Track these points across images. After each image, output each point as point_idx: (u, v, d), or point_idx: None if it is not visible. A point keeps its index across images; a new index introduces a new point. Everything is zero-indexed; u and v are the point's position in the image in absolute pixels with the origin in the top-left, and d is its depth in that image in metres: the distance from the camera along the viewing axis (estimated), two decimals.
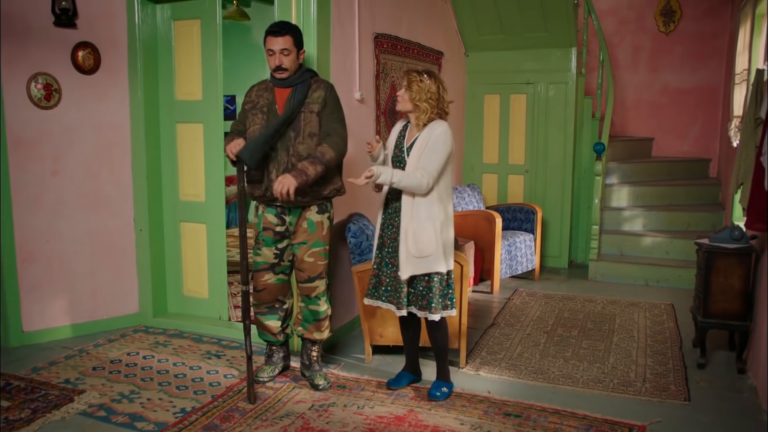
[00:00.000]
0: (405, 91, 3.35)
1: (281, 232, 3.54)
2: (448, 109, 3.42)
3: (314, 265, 3.56)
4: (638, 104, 7.84)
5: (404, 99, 3.36)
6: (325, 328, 3.69)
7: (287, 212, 3.52)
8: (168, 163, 4.58)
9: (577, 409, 3.36)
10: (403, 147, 3.42)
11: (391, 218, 3.45)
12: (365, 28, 4.55)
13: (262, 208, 3.56)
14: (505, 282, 5.89)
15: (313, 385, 3.65)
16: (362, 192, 4.64)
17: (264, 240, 3.57)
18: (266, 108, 3.44)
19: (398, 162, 3.42)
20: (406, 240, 3.32)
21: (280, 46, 3.36)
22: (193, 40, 4.41)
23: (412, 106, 3.34)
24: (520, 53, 6.55)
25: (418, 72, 3.36)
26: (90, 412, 3.29)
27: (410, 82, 3.32)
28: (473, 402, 3.46)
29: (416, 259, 3.31)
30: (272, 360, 3.79)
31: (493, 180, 6.86)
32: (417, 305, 3.39)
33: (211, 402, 3.42)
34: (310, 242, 3.54)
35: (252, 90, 3.56)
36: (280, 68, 3.38)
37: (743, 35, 5.63)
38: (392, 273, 3.42)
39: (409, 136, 3.43)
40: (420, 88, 3.29)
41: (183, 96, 4.50)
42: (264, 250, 3.58)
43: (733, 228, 3.95)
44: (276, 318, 3.71)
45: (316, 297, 3.61)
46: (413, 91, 3.31)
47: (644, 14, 7.74)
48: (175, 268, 4.69)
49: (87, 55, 4.29)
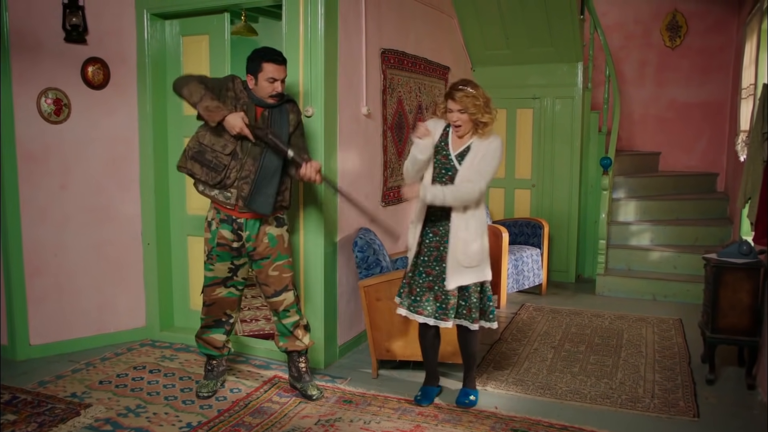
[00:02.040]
0: (459, 113, 3.22)
1: (238, 248, 3.52)
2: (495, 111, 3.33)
3: (280, 279, 3.58)
4: (645, 119, 7.84)
5: (463, 121, 3.24)
6: (303, 335, 3.71)
7: (243, 227, 3.49)
8: (175, 177, 4.60)
9: (584, 425, 3.34)
10: (450, 154, 3.32)
11: (434, 226, 3.40)
12: (372, 43, 4.58)
13: (217, 224, 3.49)
14: (511, 297, 5.87)
15: (306, 396, 3.66)
16: (366, 205, 4.65)
17: (218, 255, 3.52)
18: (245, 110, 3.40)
19: (445, 170, 3.33)
20: (456, 250, 3.29)
21: (282, 75, 3.41)
22: (202, 55, 4.45)
23: (472, 125, 3.26)
24: (527, 68, 6.57)
25: (455, 89, 3.23)
26: (96, 426, 3.29)
27: (460, 99, 3.19)
28: (480, 418, 3.44)
29: (465, 269, 3.29)
30: (213, 374, 3.78)
31: (500, 194, 6.86)
32: (469, 318, 3.39)
33: (217, 417, 3.41)
34: (273, 256, 3.55)
35: (237, 82, 3.45)
36: (277, 96, 3.42)
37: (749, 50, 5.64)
38: (424, 283, 3.40)
39: (455, 143, 3.33)
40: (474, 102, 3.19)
41: (191, 111, 4.46)
42: (217, 265, 3.54)
43: (741, 243, 3.93)
44: (222, 332, 3.72)
45: (285, 310, 3.63)
46: (468, 107, 3.20)
47: (650, 29, 7.76)
48: (182, 282, 4.70)
49: (97, 70, 4.33)
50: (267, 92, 3.39)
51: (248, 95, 3.44)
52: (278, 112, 3.47)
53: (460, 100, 3.20)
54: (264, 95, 3.41)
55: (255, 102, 3.44)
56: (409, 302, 3.45)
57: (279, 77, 3.38)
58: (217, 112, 3.24)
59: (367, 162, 4.60)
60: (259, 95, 3.42)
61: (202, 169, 3.40)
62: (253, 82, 3.40)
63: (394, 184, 5.04)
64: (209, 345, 3.74)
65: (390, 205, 4.99)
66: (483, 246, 3.34)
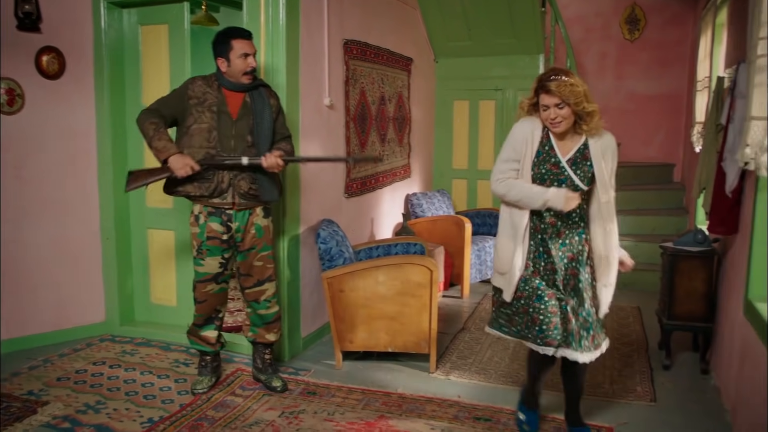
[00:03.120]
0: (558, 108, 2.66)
1: (227, 240, 3.49)
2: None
3: (263, 269, 3.57)
4: (605, 110, 7.88)
5: (564, 116, 2.67)
6: (278, 329, 3.71)
7: (233, 219, 3.47)
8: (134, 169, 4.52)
9: (546, 412, 3.39)
10: (561, 162, 2.75)
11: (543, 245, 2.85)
12: (334, 34, 4.55)
13: (205, 217, 3.46)
14: (475, 287, 5.92)
15: (270, 388, 3.66)
16: (330, 197, 4.64)
17: (209, 250, 3.48)
18: (216, 108, 3.37)
19: (557, 181, 2.75)
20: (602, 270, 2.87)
21: (252, 49, 3.40)
22: (161, 45, 4.37)
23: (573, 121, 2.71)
24: (489, 60, 6.61)
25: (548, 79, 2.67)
26: (54, 424, 3.23)
27: (558, 89, 2.63)
28: (443, 407, 3.47)
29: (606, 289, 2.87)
30: (208, 369, 3.74)
31: (463, 185, 6.91)
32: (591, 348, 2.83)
33: (179, 411, 3.38)
34: (259, 246, 3.54)
35: (195, 83, 3.42)
36: (251, 72, 3.39)
37: (704, 43, 5.76)
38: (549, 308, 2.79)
39: (562, 148, 2.77)
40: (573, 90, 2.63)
41: (151, 101, 4.41)
42: (208, 260, 3.50)
43: (696, 232, 4.03)
44: (213, 328, 3.69)
45: (266, 300, 3.62)
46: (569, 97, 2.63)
47: (610, 22, 7.88)
48: (142, 276, 4.63)
49: (51, 60, 4.22)
50: (241, 69, 3.36)
51: (218, 86, 3.41)
52: (260, 100, 3.44)
53: (557, 91, 2.63)
54: (238, 74, 3.37)
55: (231, 88, 3.41)
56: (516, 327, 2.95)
57: (251, 51, 3.37)
58: (163, 152, 3.30)
59: (330, 153, 4.58)
60: (233, 77, 3.39)
61: (194, 185, 3.37)
62: (225, 64, 3.37)
63: (357, 176, 5.04)
64: (202, 342, 3.69)
65: (353, 196, 4.99)
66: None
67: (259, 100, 3.44)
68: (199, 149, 3.34)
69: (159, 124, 3.35)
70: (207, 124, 3.36)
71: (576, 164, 2.75)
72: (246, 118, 3.41)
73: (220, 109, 3.38)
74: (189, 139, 3.36)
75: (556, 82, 2.64)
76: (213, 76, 3.45)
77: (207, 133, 3.35)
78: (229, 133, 3.38)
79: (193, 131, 3.36)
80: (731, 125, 3.47)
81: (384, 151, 5.59)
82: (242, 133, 3.40)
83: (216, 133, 3.36)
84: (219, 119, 3.37)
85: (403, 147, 6.05)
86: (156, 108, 3.42)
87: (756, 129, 2.67)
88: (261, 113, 3.42)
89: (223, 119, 3.38)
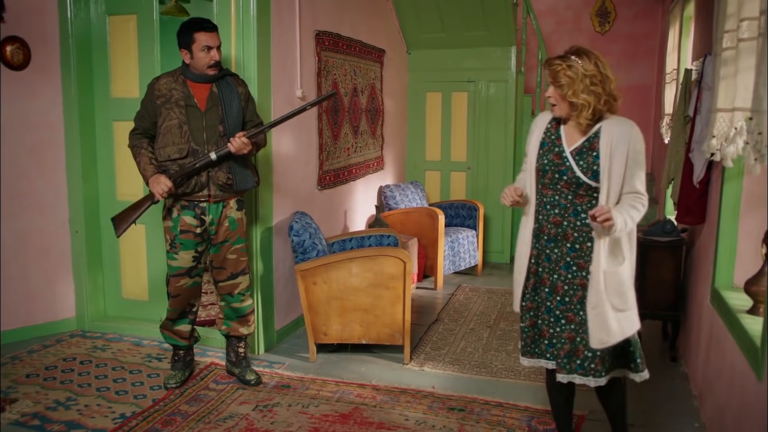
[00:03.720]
0: (554, 89, 2.45)
1: (201, 233, 3.47)
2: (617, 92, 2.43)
3: (237, 262, 3.56)
4: None
5: (557, 100, 2.45)
6: (252, 322, 3.71)
7: (206, 212, 3.44)
8: (104, 162, 4.45)
9: (519, 401, 3.43)
10: (564, 152, 2.49)
11: (550, 248, 2.56)
12: (306, 25, 4.52)
13: (178, 210, 3.42)
14: (448, 278, 5.96)
15: (244, 381, 3.65)
16: (303, 189, 4.63)
17: (182, 243, 3.44)
18: (183, 102, 3.34)
19: (557, 173, 2.49)
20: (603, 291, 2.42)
21: (216, 42, 3.35)
22: (129, 36, 4.30)
23: (568, 107, 2.44)
24: (461, 51, 6.62)
25: (561, 57, 2.43)
26: (23, 421, 3.18)
27: (555, 74, 2.41)
28: (417, 397, 3.49)
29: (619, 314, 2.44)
30: (180, 364, 3.71)
31: (436, 177, 6.93)
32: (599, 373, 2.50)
33: (152, 406, 3.35)
34: (232, 239, 3.53)
35: (159, 82, 3.39)
36: (215, 65, 3.35)
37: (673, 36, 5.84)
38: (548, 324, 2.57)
39: (570, 137, 2.52)
40: (571, 77, 2.37)
41: (119, 93, 4.37)
42: (182, 254, 3.46)
43: (665, 222, 4.10)
44: (187, 322, 3.66)
45: (239, 293, 3.60)
46: (564, 85, 2.39)
47: (581, 15, 7.94)
48: (113, 271, 4.57)
49: (16, 50, 4.12)
50: (204, 63, 3.33)
51: (183, 79, 3.37)
52: (227, 89, 3.41)
53: (550, 69, 2.45)
54: (202, 67, 3.34)
55: (196, 80, 3.37)
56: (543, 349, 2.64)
57: (213, 44, 3.33)
58: (144, 177, 3.35)
59: (302, 146, 4.57)
60: (198, 69, 3.35)
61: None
62: (188, 56, 3.34)
63: (330, 168, 5.02)
64: (176, 336, 3.65)
65: (326, 188, 4.97)
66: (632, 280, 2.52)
67: (227, 89, 3.41)
68: (173, 146, 3.32)
69: (138, 146, 3.40)
70: (176, 119, 3.33)
71: (581, 154, 2.46)
72: (215, 109, 3.38)
73: (187, 103, 3.34)
74: (163, 138, 3.33)
75: (557, 60, 2.43)
76: (178, 70, 3.42)
77: (178, 129, 3.32)
78: (200, 126, 3.35)
79: (164, 129, 3.33)
80: (698, 117, 3.53)
81: (357, 143, 5.58)
82: (213, 124, 3.37)
83: (187, 127, 3.33)
84: (188, 113, 3.34)
85: (376, 139, 6.04)
86: (136, 127, 3.45)
87: (722, 121, 2.72)
88: (230, 102, 3.39)
89: (192, 112, 3.35)
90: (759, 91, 2.28)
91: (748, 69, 2.47)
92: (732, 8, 2.66)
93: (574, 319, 2.50)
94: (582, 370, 2.48)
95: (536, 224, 2.58)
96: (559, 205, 2.52)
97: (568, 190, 2.49)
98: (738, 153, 2.57)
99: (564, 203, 2.51)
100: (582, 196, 2.47)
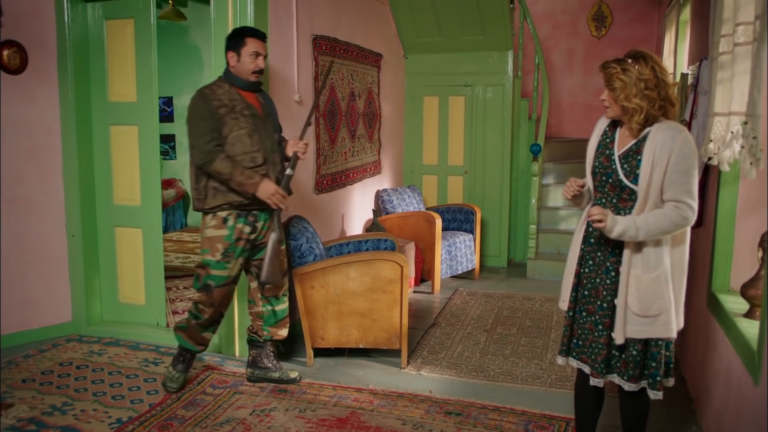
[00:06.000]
0: (607, 92, 2.48)
1: (253, 239, 3.50)
2: (675, 97, 2.43)
3: (283, 263, 3.66)
4: (573, 106, 8.06)
5: (610, 102, 2.48)
6: (288, 324, 3.77)
7: (258, 218, 3.49)
8: (101, 166, 4.45)
9: (516, 406, 3.43)
10: (613, 155, 2.50)
11: (593, 251, 2.57)
12: (303, 29, 4.53)
13: (234, 219, 3.41)
14: (445, 282, 5.96)
15: (289, 381, 3.71)
16: (300, 194, 4.63)
17: (236, 252, 3.44)
18: (247, 111, 3.38)
19: (605, 175, 2.51)
20: (626, 292, 2.44)
21: (264, 50, 3.45)
22: (127, 40, 4.30)
23: (620, 110, 2.45)
24: (459, 56, 6.64)
25: (617, 60, 2.43)
26: (19, 426, 3.17)
27: (610, 77, 2.43)
28: (415, 402, 3.48)
29: (639, 318, 2.43)
30: (183, 366, 3.62)
31: (433, 181, 6.94)
32: (625, 374, 2.50)
33: (148, 411, 3.34)
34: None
35: (216, 93, 3.35)
36: (260, 72, 3.44)
37: (669, 40, 5.86)
38: (589, 324, 2.58)
39: (622, 140, 2.52)
40: (625, 82, 2.38)
41: (116, 97, 4.38)
42: (234, 262, 3.46)
43: None
44: (213, 330, 3.65)
45: (283, 294, 3.70)
46: (617, 89, 2.41)
47: (577, 19, 7.98)
48: (110, 275, 4.56)
49: (13, 54, 4.12)
50: (250, 68, 3.38)
51: (236, 89, 3.40)
52: (267, 98, 3.57)
53: (603, 71, 2.48)
54: (246, 72, 3.39)
55: (246, 88, 3.44)
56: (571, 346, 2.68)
57: (263, 52, 3.41)
58: (250, 185, 3.29)
59: None
60: (242, 74, 3.40)
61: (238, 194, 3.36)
62: (235, 59, 3.39)
63: (327, 172, 5.03)
64: (193, 341, 3.59)
65: (323, 192, 4.97)
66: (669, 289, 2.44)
67: (267, 98, 3.56)
68: (244, 155, 3.33)
69: (226, 158, 3.29)
70: (246, 128, 3.35)
71: (626, 157, 2.46)
72: (268, 117, 3.49)
73: (251, 112, 3.40)
74: (232, 148, 3.32)
75: (613, 64, 2.44)
76: (223, 80, 3.44)
77: (248, 137, 3.34)
78: (264, 134, 3.43)
79: (233, 139, 3.32)
80: (694, 121, 3.54)
81: (354, 147, 5.58)
82: (270, 132, 3.49)
83: (257, 136, 3.38)
84: (254, 121, 3.39)
85: (373, 143, 6.05)
86: (209, 141, 3.29)
87: (718, 125, 2.73)
88: (275, 111, 3.57)
89: (256, 121, 3.41)
90: (754, 96, 2.29)
91: (743, 73, 2.47)
92: (728, 13, 2.67)
93: (610, 324, 2.51)
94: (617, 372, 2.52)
95: (587, 226, 2.60)
96: (605, 208, 2.50)
97: (613, 193, 2.49)
98: (734, 157, 2.57)
99: (609, 206, 2.51)
100: (625, 200, 2.46)
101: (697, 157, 2.37)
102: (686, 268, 2.48)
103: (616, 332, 2.46)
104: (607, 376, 2.54)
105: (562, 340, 2.70)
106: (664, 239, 2.41)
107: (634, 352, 2.47)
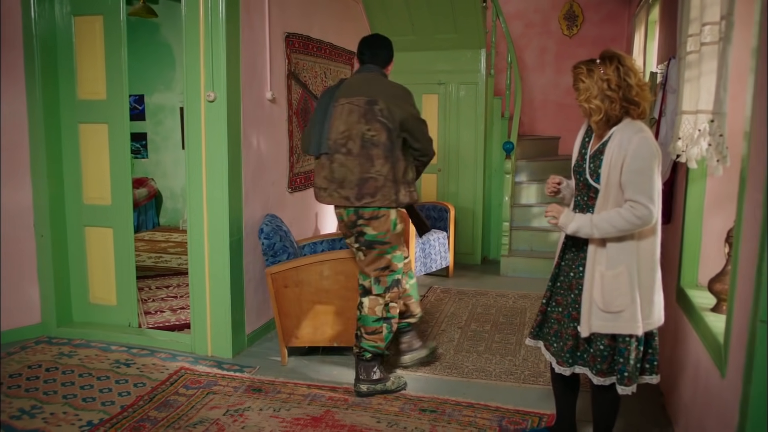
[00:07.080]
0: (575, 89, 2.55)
1: None
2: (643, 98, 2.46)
3: None
4: (545, 104, 8.13)
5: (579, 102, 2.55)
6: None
7: None
8: (70, 165, 4.38)
9: (490, 402, 3.45)
10: (587, 155, 2.61)
11: (572, 245, 2.67)
12: (276, 27, 4.50)
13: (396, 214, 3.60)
14: (419, 280, 5.97)
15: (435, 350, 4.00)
16: (273, 192, 4.61)
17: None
18: None
19: (578, 174, 2.63)
20: (591, 287, 2.51)
21: None
22: (96, 37, 4.24)
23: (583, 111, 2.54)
24: (432, 54, 6.65)
25: (587, 62, 2.50)
26: None
27: (575, 78, 2.52)
28: (389, 400, 3.49)
29: (603, 314, 2.48)
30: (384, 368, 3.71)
31: None
32: (593, 368, 2.55)
33: (120, 413, 3.30)
34: None
35: None
36: None
37: (638, 40, 5.95)
38: (557, 315, 2.71)
39: (594, 140, 2.60)
40: (588, 83, 2.45)
41: (85, 95, 4.31)
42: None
43: None
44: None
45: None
46: (580, 90, 2.50)
47: (549, 18, 8.04)
48: (80, 275, 4.49)
49: None
50: None
51: None
52: None
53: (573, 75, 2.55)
54: None
55: None
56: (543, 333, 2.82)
57: None
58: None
59: (273, 148, 4.54)
60: None
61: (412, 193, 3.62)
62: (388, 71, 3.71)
63: (301, 170, 5.01)
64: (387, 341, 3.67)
65: (297, 191, 4.95)
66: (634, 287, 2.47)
67: None
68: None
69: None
70: None
71: (593, 157, 2.55)
72: None
73: None
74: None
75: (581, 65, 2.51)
76: None
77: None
78: None
79: None
80: (663, 119, 3.59)
81: None
82: None
83: None
84: None
85: None
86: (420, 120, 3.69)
87: (686, 123, 2.77)
88: None
89: None
90: (720, 94, 2.33)
91: (710, 72, 2.52)
92: (695, 13, 2.71)
93: (578, 317, 2.59)
94: (582, 361, 2.61)
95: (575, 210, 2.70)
96: (578, 206, 2.65)
97: (584, 191, 2.60)
98: (702, 154, 2.62)
99: (581, 204, 2.62)
100: (593, 198, 2.55)
101: (655, 158, 2.41)
102: (657, 263, 2.53)
103: (582, 326, 2.54)
104: (575, 367, 2.62)
105: (533, 324, 2.84)
106: (630, 236, 2.46)
107: (601, 347, 2.53)
